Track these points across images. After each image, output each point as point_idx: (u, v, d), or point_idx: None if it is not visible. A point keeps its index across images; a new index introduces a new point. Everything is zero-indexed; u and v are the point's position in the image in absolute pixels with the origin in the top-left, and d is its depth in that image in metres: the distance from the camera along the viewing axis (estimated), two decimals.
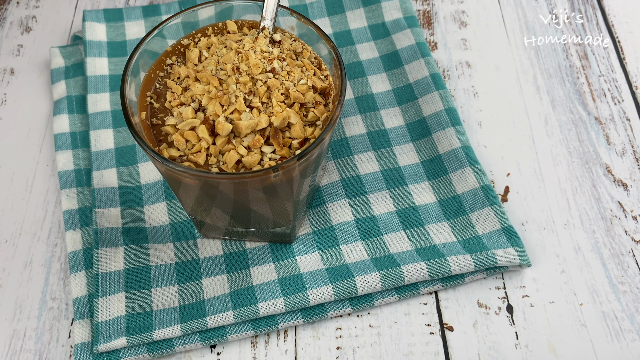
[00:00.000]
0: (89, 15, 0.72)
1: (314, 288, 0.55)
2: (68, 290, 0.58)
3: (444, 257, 0.56)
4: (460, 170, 0.61)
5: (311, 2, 0.74)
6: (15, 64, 0.73)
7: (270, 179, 0.48)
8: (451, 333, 0.55)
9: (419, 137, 0.65)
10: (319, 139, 0.48)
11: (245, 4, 0.56)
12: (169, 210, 0.61)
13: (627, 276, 0.58)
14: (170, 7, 0.74)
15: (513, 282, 0.58)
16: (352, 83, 0.68)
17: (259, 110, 0.49)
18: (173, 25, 0.55)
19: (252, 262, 0.58)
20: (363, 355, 0.55)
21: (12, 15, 0.77)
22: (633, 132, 0.66)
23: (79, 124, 0.67)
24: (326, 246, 0.59)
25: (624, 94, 0.68)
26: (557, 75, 0.70)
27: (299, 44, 0.55)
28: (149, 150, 0.48)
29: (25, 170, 0.65)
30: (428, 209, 0.60)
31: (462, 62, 0.72)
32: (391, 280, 0.55)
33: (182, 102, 0.51)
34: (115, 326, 0.54)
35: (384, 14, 0.72)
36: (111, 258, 0.57)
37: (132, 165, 0.63)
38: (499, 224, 0.59)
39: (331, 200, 0.61)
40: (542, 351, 0.54)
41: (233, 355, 0.55)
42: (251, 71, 0.50)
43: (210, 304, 0.55)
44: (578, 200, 0.62)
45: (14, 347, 0.56)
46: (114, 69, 0.69)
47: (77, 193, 0.62)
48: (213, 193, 0.50)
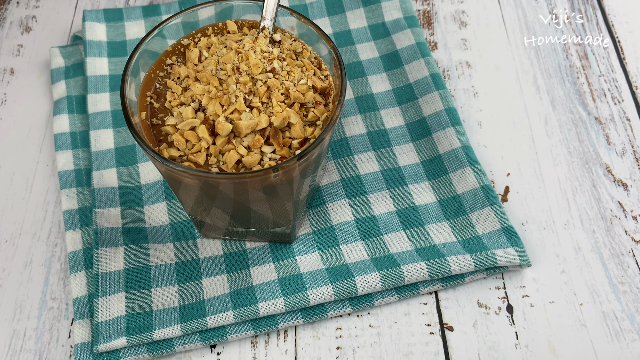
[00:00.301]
0: (89, 15, 0.72)
1: (314, 288, 0.55)
2: (68, 290, 0.58)
3: (444, 257, 0.56)
4: (460, 170, 0.61)
5: (311, 2, 0.74)
6: (15, 64, 0.73)
7: (270, 179, 0.48)
8: (451, 333, 0.55)
9: (419, 137, 0.64)
10: (319, 139, 0.48)
11: (245, 4, 0.56)
12: (169, 210, 0.61)
13: (627, 276, 0.58)
14: (170, 7, 0.74)
15: (513, 282, 0.58)
16: (352, 83, 0.68)
17: (259, 110, 0.49)
18: (173, 25, 0.55)
19: (252, 262, 0.58)
20: (363, 355, 0.55)
21: (12, 15, 0.77)
22: (633, 132, 0.66)
23: (79, 124, 0.67)
24: (326, 246, 0.59)
25: (624, 94, 0.68)
26: (557, 75, 0.70)
27: (299, 44, 0.55)
28: (149, 150, 0.48)
29: (25, 170, 0.65)
30: (428, 209, 0.60)
31: (462, 62, 0.71)
32: (391, 280, 0.55)
33: (182, 102, 0.51)
34: (115, 326, 0.54)
35: (384, 14, 0.72)
36: (111, 258, 0.57)
37: (132, 165, 0.63)
38: (499, 224, 0.59)
39: (331, 200, 0.61)
40: (542, 351, 0.54)
41: (233, 355, 0.55)
42: (251, 71, 0.50)
43: (210, 304, 0.55)
44: (578, 200, 0.62)
45: (14, 347, 0.56)
46: (114, 69, 0.69)
47: (77, 193, 0.62)
48: (213, 193, 0.50)
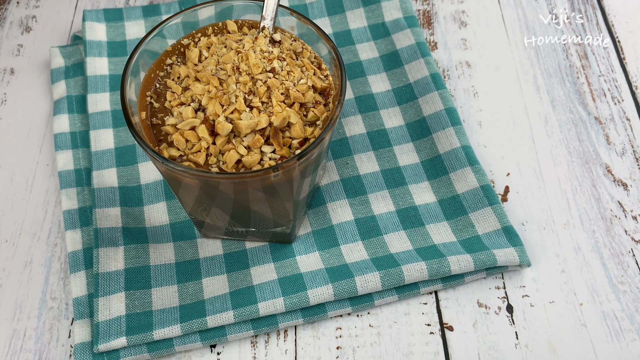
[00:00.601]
0: (89, 15, 0.72)
1: (314, 288, 0.55)
2: (68, 290, 0.58)
3: (444, 257, 0.56)
4: (460, 170, 0.61)
5: (311, 2, 0.74)
6: (15, 64, 0.73)
7: (270, 178, 0.48)
8: (451, 333, 0.55)
9: (419, 137, 0.64)
10: (319, 139, 0.48)
11: (245, 4, 0.56)
12: (169, 210, 0.61)
13: (627, 276, 0.58)
14: (170, 7, 0.74)
15: (513, 282, 0.58)
16: (352, 83, 0.68)
17: (259, 110, 0.49)
18: (173, 25, 0.55)
19: (252, 262, 0.58)
20: (363, 355, 0.55)
21: (12, 15, 0.77)
22: (633, 132, 0.66)
23: (79, 124, 0.66)
24: (326, 246, 0.59)
25: (624, 94, 0.68)
26: (557, 75, 0.70)
27: (299, 43, 0.55)
28: (149, 150, 0.48)
29: (25, 170, 0.65)
30: (428, 209, 0.60)
31: (462, 62, 0.71)
32: (391, 280, 0.55)
33: (182, 102, 0.51)
34: (115, 326, 0.54)
35: (384, 13, 0.72)
36: (111, 258, 0.57)
37: (132, 165, 0.63)
38: (499, 224, 0.59)
39: (331, 200, 0.61)
40: (542, 351, 0.54)
41: (233, 355, 0.55)
42: (251, 71, 0.50)
43: (210, 303, 0.55)
44: (578, 200, 0.62)
45: (14, 347, 0.56)
46: (114, 69, 0.69)
47: (77, 193, 0.62)
48: (213, 193, 0.50)
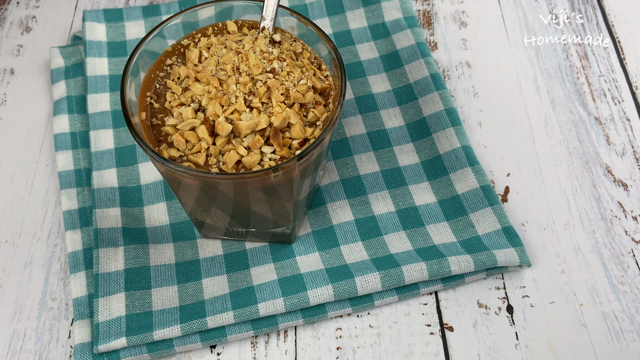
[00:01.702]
0: (89, 15, 0.72)
1: (314, 288, 0.55)
2: (68, 290, 0.58)
3: (444, 257, 0.56)
4: (460, 170, 0.61)
5: (311, 2, 0.74)
6: (15, 64, 0.73)
7: (270, 179, 0.48)
8: (451, 333, 0.55)
9: (419, 137, 0.64)
10: (319, 139, 0.48)
11: (245, 4, 0.56)
12: (169, 210, 0.61)
13: (627, 276, 0.58)
14: (170, 7, 0.74)
15: (513, 282, 0.58)
16: (352, 83, 0.68)
17: (259, 110, 0.49)
18: (173, 25, 0.55)
19: (252, 262, 0.58)
20: (363, 356, 0.55)
21: (12, 15, 0.77)
22: (633, 132, 0.66)
23: (79, 124, 0.66)
24: (326, 246, 0.59)
25: (624, 94, 0.68)
26: (557, 75, 0.70)
27: (299, 44, 0.55)
28: (149, 151, 0.48)
29: (25, 170, 0.65)
30: (428, 209, 0.60)
31: (462, 62, 0.71)
32: (391, 281, 0.55)
33: (182, 102, 0.51)
34: (115, 326, 0.54)
35: (384, 14, 0.72)
36: (111, 258, 0.57)
37: (132, 165, 0.63)
38: (499, 224, 0.59)
39: (331, 201, 0.61)
40: (542, 351, 0.54)
41: (233, 356, 0.55)
42: (251, 71, 0.50)
43: (210, 304, 0.55)
44: (578, 201, 0.62)
45: (14, 347, 0.56)
46: (114, 69, 0.69)
47: (77, 193, 0.62)
48: (213, 193, 0.50)
